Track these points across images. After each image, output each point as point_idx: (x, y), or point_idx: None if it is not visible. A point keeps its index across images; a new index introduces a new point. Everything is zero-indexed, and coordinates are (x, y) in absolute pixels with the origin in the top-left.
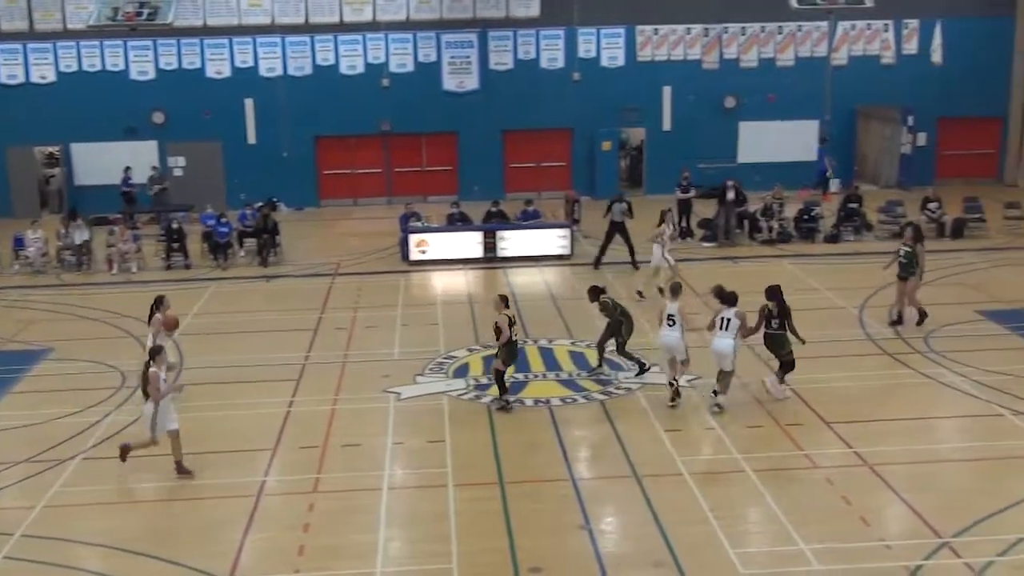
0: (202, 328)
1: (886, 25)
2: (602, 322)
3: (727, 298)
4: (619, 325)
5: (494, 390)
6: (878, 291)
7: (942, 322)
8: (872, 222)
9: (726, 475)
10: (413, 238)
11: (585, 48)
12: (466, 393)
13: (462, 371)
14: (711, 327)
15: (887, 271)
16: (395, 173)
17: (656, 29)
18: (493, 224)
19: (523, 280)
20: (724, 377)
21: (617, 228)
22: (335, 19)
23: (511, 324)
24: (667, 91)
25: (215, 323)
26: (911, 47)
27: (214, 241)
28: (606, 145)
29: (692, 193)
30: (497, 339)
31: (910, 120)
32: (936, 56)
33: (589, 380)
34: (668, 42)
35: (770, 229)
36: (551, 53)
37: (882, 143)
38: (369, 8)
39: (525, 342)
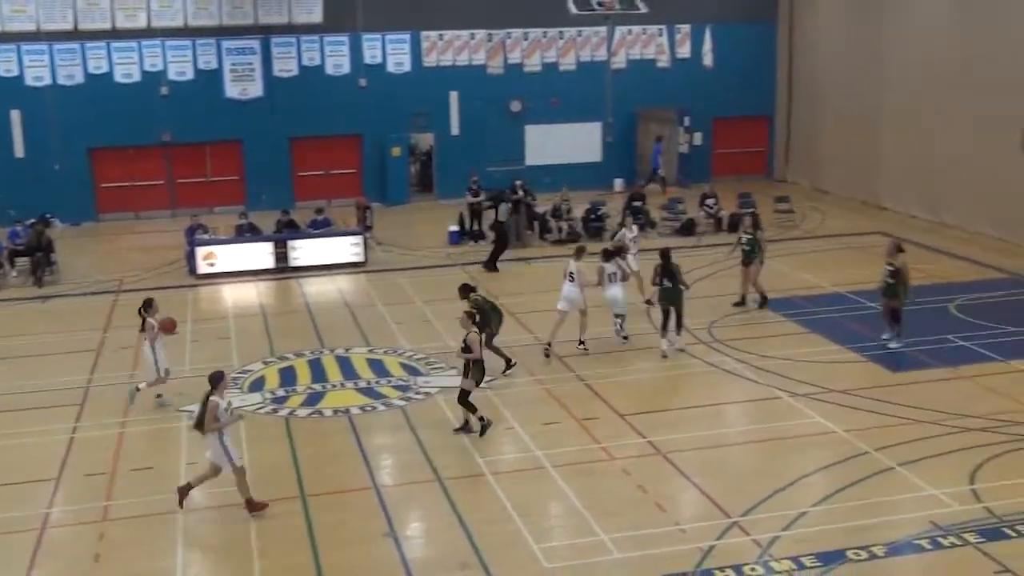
0: None
1: (660, 30)
2: (399, 327)
3: (610, 255)
4: (488, 320)
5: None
6: None
7: (722, 312)
8: (655, 219)
9: (527, 472)
10: (200, 251)
11: (371, 54)
12: (263, 407)
13: (257, 385)
14: (599, 282)
15: (730, 258)
16: (178, 184)
17: (441, 35)
18: (284, 234)
19: (317, 289)
20: (622, 319)
21: (501, 228)
22: (107, 25)
23: (481, 342)
24: (454, 96)
25: None
26: (684, 51)
27: None
28: (395, 151)
29: (482, 197)
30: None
31: (686, 121)
32: (707, 59)
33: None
34: (453, 47)
35: (559, 229)
36: (336, 59)
37: (661, 143)
38: (143, 14)
39: (321, 352)
